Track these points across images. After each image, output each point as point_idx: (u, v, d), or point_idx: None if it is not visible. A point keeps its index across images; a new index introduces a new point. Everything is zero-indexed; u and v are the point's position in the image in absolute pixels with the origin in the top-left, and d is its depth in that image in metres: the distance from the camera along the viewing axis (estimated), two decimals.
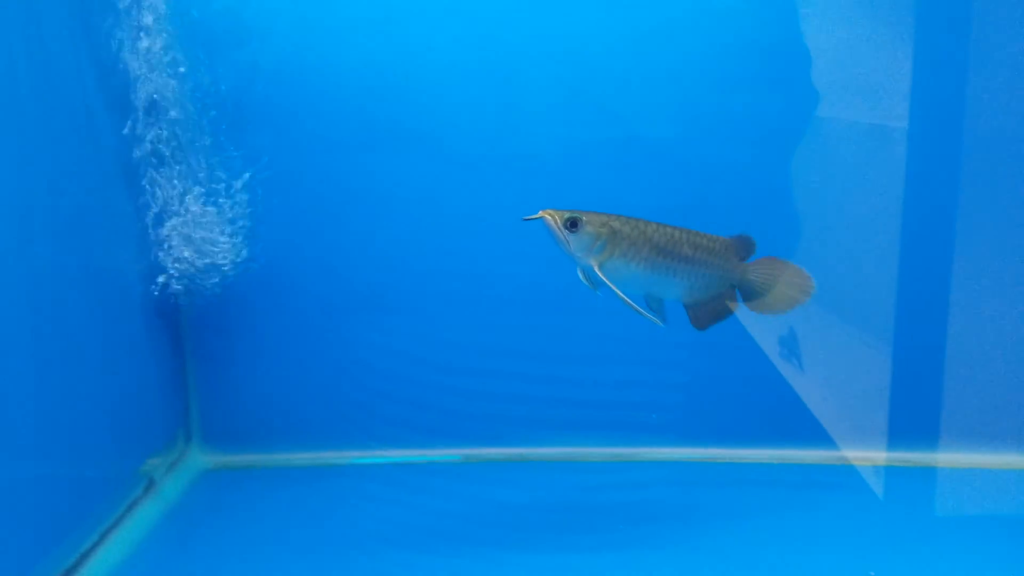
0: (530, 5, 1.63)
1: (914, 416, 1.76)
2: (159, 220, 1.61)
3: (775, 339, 1.74)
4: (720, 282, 1.38)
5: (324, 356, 1.76)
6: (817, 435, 1.76)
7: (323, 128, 1.68)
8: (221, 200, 1.65)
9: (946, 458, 1.75)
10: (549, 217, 1.29)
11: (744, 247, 1.38)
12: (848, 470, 1.74)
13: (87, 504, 1.43)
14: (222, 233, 1.65)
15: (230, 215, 1.66)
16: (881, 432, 1.77)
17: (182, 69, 1.59)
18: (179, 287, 1.64)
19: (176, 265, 1.62)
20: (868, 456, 1.77)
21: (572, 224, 1.28)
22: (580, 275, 1.34)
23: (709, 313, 1.40)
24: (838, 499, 1.64)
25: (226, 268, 1.66)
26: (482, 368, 1.76)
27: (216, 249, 1.65)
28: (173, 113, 1.59)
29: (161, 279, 1.62)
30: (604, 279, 1.30)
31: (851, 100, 1.66)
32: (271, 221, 1.69)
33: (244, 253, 1.67)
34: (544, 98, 1.66)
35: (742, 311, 1.42)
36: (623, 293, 1.29)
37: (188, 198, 1.63)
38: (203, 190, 1.63)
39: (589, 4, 1.63)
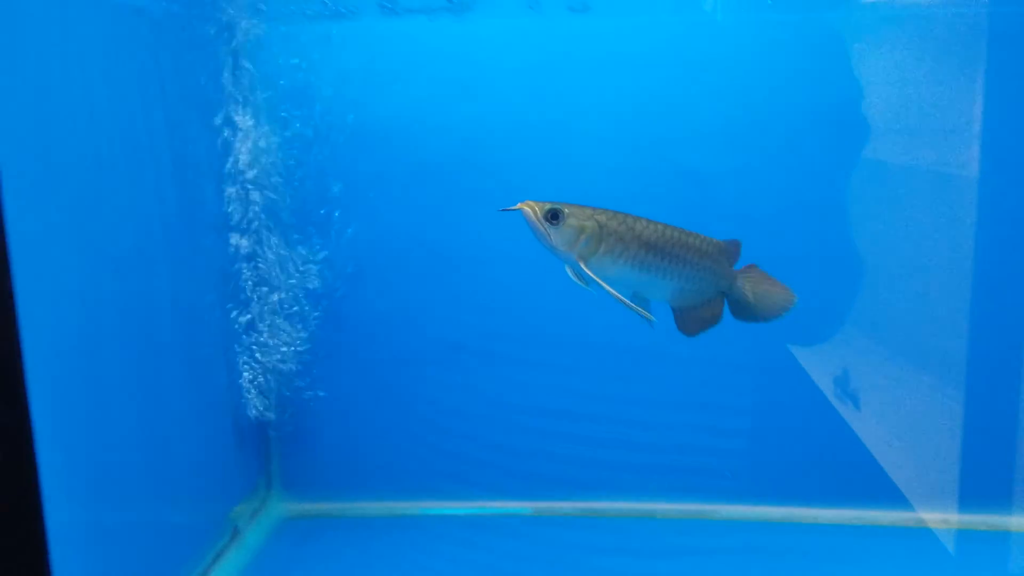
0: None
1: (991, 476, 1.74)
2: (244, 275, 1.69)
3: (843, 391, 1.74)
4: (711, 286, 1.30)
5: (400, 408, 1.81)
6: (889, 493, 1.75)
7: (401, 185, 1.75)
8: (303, 256, 1.73)
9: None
10: (529, 209, 1.20)
11: (735, 252, 1.30)
12: (923, 532, 1.73)
13: (179, 550, 1.49)
14: (303, 289, 1.72)
15: (311, 272, 1.73)
16: (957, 491, 1.75)
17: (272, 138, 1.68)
18: (266, 337, 1.72)
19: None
20: (944, 518, 1.75)
21: (553, 216, 1.19)
22: (569, 272, 1.25)
23: (698, 319, 1.32)
24: (911, 563, 1.63)
25: (307, 321, 1.73)
26: (555, 421, 1.79)
27: (301, 304, 1.72)
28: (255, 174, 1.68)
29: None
30: (591, 274, 1.21)
31: (918, 143, 1.67)
32: (350, 275, 1.75)
33: (324, 308, 1.74)
34: (614, 149, 1.71)
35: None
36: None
37: (271, 253, 1.71)
38: (286, 249, 1.71)
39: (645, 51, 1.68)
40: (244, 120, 1.64)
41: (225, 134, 1.63)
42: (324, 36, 1.67)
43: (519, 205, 1.20)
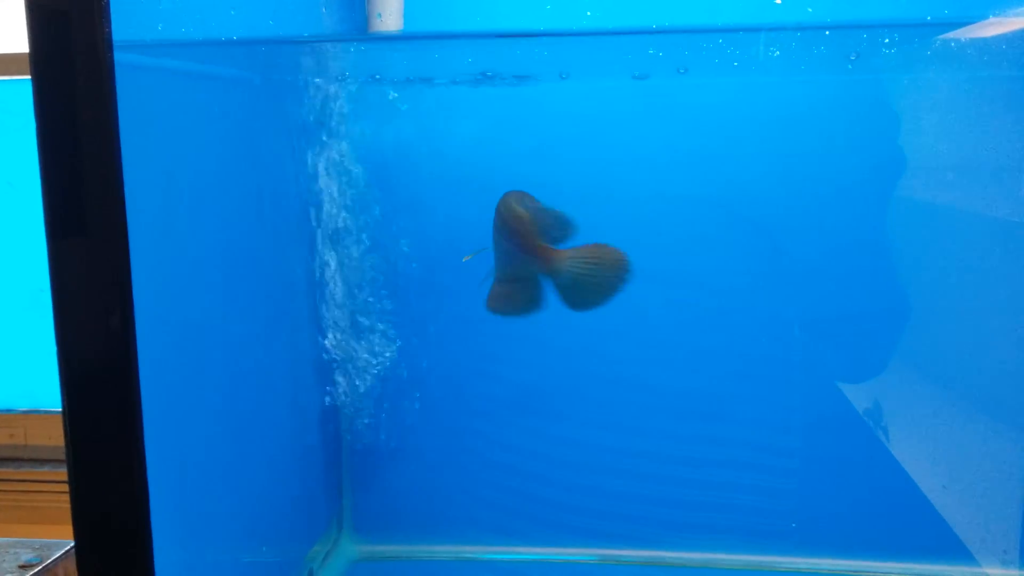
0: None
1: None
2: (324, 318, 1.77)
3: (896, 433, 1.75)
4: (521, 265, 1.20)
5: (469, 453, 1.86)
6: (951, 547, 1.76)
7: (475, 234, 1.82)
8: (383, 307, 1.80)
9: None
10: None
11: (554, 228, 1.18)
12: None
13: None
14: (382, 336, 1.80)
15: (388, 321, 1.81)
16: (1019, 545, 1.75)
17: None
18: (341, 382, 1.79)
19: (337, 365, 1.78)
20: (1005, 574, 1.74)
21: None
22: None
23: (503, 296, 1.25)
24: None
25: (379, 368, 1.80)
26: (622, 469, 1.83)
27: (374, 352, 1.79)
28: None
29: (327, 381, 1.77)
30: None
31: (973, 189, 1.69)
32: (425, 323, 1.82)
33: (397, 353, 1.81)
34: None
35: None
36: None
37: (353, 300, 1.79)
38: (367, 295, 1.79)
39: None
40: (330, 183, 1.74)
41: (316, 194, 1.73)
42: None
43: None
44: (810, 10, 1.41)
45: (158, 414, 1.07)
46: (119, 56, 0.99)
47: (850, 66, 1.61)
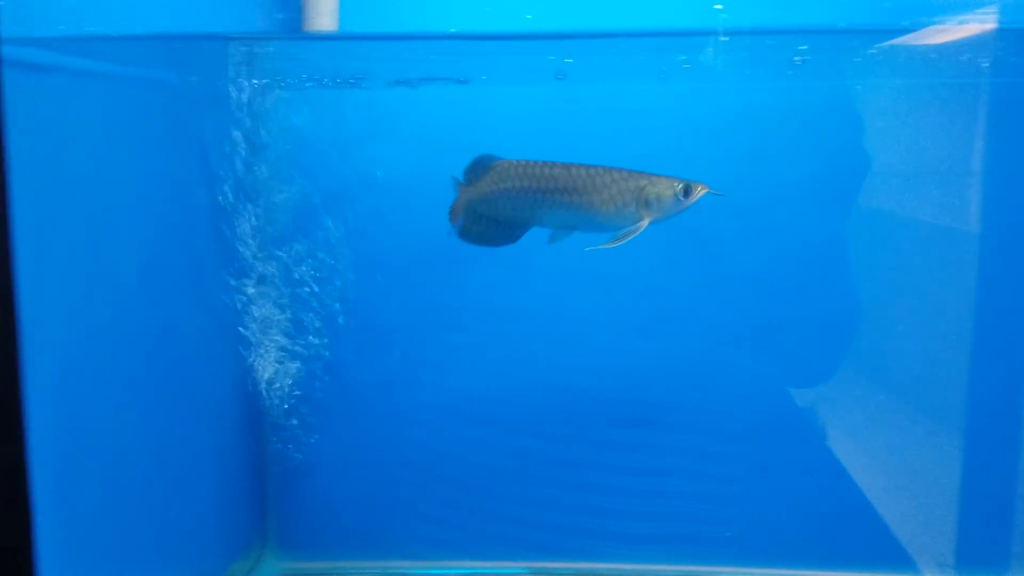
0: None
1: (992, 537, 1.74)
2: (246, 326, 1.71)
3: (846, 447, 1.75)
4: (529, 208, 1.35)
5: (399, 464, 1.81)
6: (892, 554, 1.76)
7: (404, 247, 1.79)
8: (308, 311, 1.75)
9: None
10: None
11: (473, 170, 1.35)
12: None
13: None
14: (306, 343, 1.75)
15: (314, 325, 1.76)
16: (957, 552, 1.75)
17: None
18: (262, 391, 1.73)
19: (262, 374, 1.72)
20: None
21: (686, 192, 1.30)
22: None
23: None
24: None
25: (306, 376, 1.75)
26: (552, 480, 1.80)
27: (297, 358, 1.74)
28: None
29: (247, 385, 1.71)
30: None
31: (912, 195, 1.71)
32: (351, 331, 1.77)
33: (324, 362, 1.76)
34: None
35: None
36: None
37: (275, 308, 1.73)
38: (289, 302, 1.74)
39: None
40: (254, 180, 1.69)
41: (234, 196, 1.67)
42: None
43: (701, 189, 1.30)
44: (748, 16, 1.41)
45: (46, 422, 1.01)
46: (8, 52, 0.94)
47: (790, 72, 1.62)
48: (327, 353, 1.74)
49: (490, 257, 1.67)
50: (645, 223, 1.31)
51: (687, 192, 1.30)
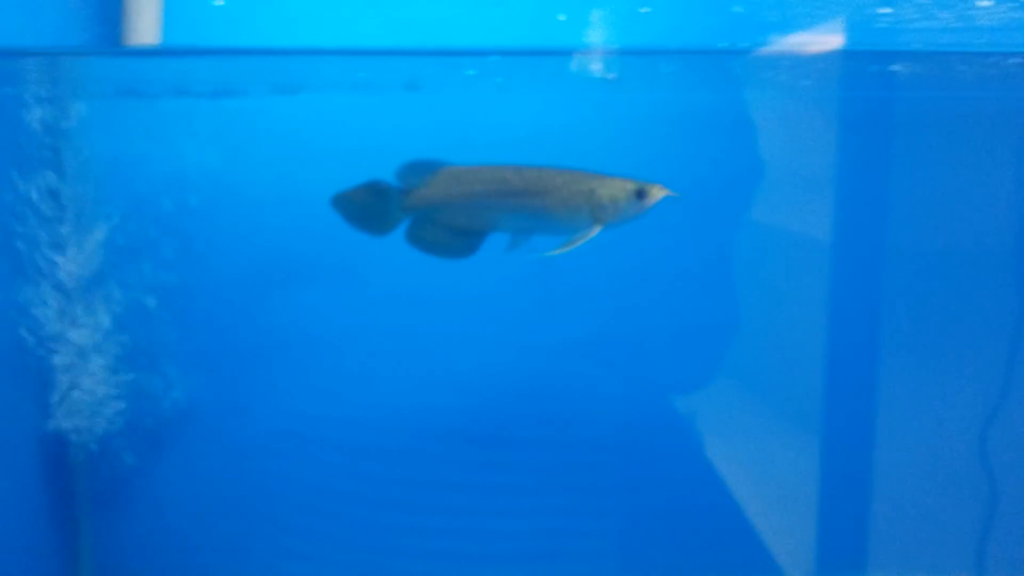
0: None
1: (852, 541, 1.75)
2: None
3: (717, 457, 1.73)
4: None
5: (221, 506, 1.71)
6: (759, 563, 1.74)
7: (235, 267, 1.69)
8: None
9: None
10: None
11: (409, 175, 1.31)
12: None
13: None
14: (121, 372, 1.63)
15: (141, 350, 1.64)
16: (819, 561, 1.76)
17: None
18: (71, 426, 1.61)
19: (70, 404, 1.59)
20: None
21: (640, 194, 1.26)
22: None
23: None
24: None
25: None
26: (392, 525, 1.72)
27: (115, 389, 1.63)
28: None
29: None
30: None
31: (782, 203, 1.70)
32: (182, 356, 1.66)
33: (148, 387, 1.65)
34: None
35: None
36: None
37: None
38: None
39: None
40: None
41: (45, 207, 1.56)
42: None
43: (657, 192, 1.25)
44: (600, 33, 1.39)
45: None
46: None
47: (658, 86, 1.60)
48: (157, 380, 1.63)
49: (328, 275, 1.61)
50: (598, 227, 1.27)
51: (641, 195, 1.25)
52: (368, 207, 1.32)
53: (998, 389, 1.68)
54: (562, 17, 1.49)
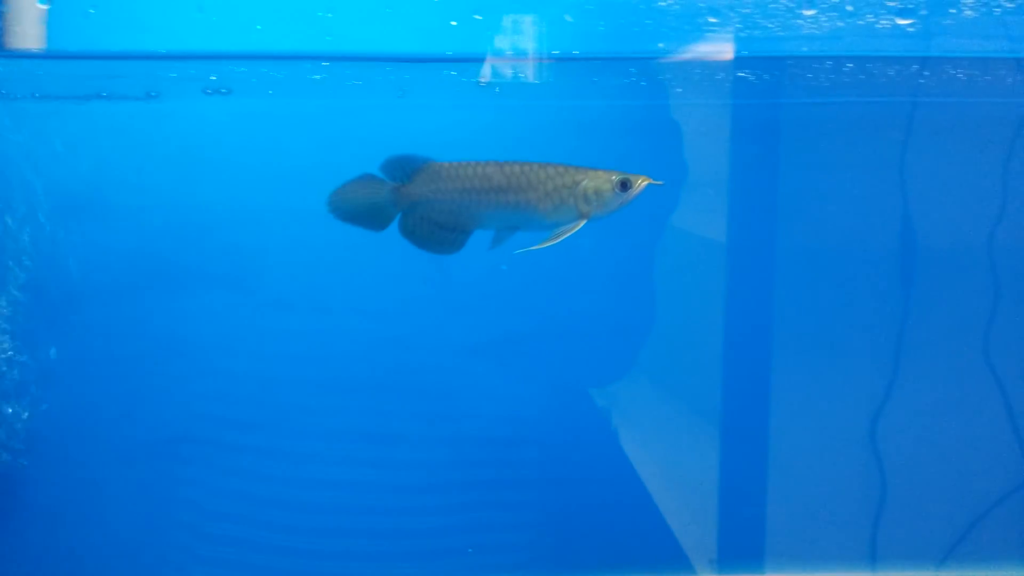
0: None
1: (751, 533, 1.80)
2: None
3: (632, 451, 1.76)
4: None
5: (108, 512, 1.68)
6: (670, 555, 1.78)
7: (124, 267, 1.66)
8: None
9: None
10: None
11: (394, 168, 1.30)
12: None
13: None
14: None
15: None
16: (721, 552, 1.79)
17: None
18: None
19: None
20: None
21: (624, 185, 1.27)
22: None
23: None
24: None
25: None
26: (288, 525, 1.71)
27: None
28: None
29: None
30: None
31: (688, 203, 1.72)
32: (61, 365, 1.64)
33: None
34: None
35: None
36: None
37: None
38: None
39: None
40: None
41: None
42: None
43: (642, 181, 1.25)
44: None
45: None
46: None
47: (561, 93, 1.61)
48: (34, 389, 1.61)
49: (210, 280, 1.58)
50: (584, 220, 1.27)
51: (625, 186, 1.26)
52: (362, 202, 1.31)
53: (885, 383, 1.73)
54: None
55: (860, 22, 1.32)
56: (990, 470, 1.77)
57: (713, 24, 1.35)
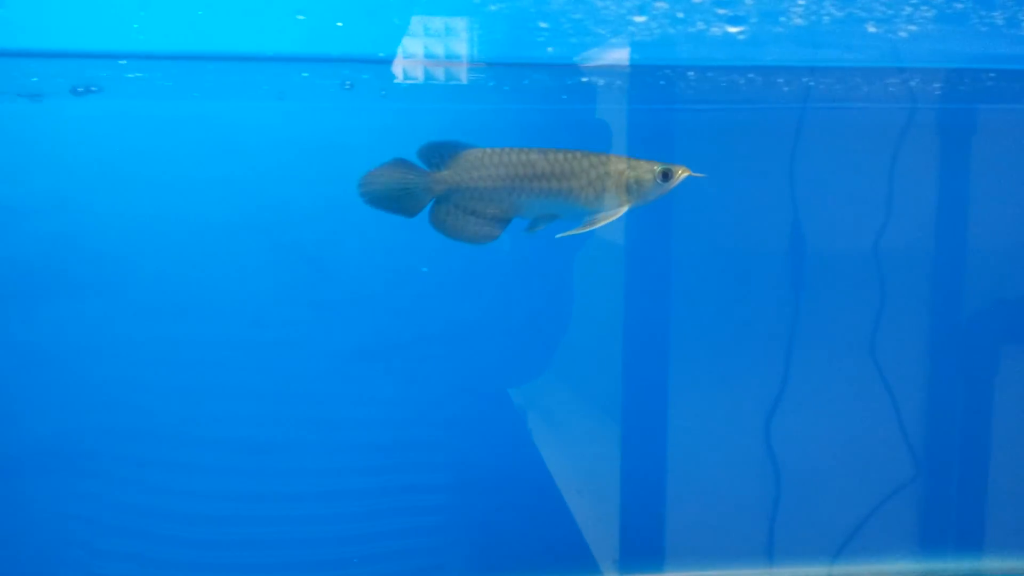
0: None
1: (654, 533, 1.81)
2: None
3: (542, 449, 1.75)
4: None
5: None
6: (577, 555, 1.78)
7: None
8: None
9: None
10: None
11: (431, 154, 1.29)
12: None
13: None
14: None
15: None
16: (623, 551, 1.81)
17: None
18: None
19: None
20: None
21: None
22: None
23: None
24: None
25: None
26: (169, 536, 1.68)
27: None
28: None
29: None
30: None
31: None
32: None
33: None
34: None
35: None
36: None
37: None
38: None
39: None
40: None
41: None
42: None
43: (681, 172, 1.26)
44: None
45: None
46: None
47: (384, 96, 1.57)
48: None
49: (78, 286, 1.53)
50: (625, 208, 1.28)
51: (667, 176, 1.27)
52: (394, 188, 1.28)
53: (778, 383, 1.77)
54: None
55: (691, 29, 1.34)
56: (880, 467, 1.82)
57: (544, 29, 1.35)
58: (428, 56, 1.39)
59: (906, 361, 1.78)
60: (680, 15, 1.28)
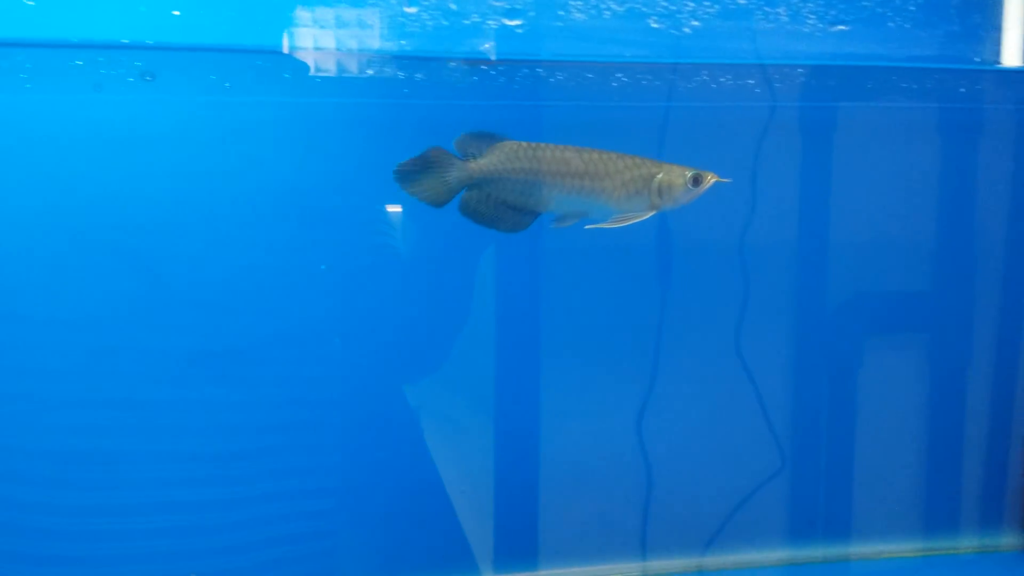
0: None
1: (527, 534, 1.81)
2: None
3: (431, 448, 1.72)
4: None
5: None
6: (461, 557, 1.76)
7: None
8: None
9: None
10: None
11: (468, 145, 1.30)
12: None
13: None
14: None
15: None
16: (497, 552, 1.80)
17: None
18: None
19: None
20: None
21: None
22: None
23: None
24: None
25: None
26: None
27: None
28: None
29: None
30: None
31: None
32: None
33: None
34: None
35: None
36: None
37: None
38: None
39: None
40: None
41: None
42: None
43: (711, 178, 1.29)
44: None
45: None
46: None
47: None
48: None
49: None
50: (652, 211, 1.31)
51: (697, 181, 1.30)
52: (427, 175, 1.29)
53: (647, 380, 1.77)
54: None
55: (466, 21, 1.32)
56: (747, 460, 1.85)
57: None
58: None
59: (770, 356, 1.81)
60: (453, 7, 1.25)
